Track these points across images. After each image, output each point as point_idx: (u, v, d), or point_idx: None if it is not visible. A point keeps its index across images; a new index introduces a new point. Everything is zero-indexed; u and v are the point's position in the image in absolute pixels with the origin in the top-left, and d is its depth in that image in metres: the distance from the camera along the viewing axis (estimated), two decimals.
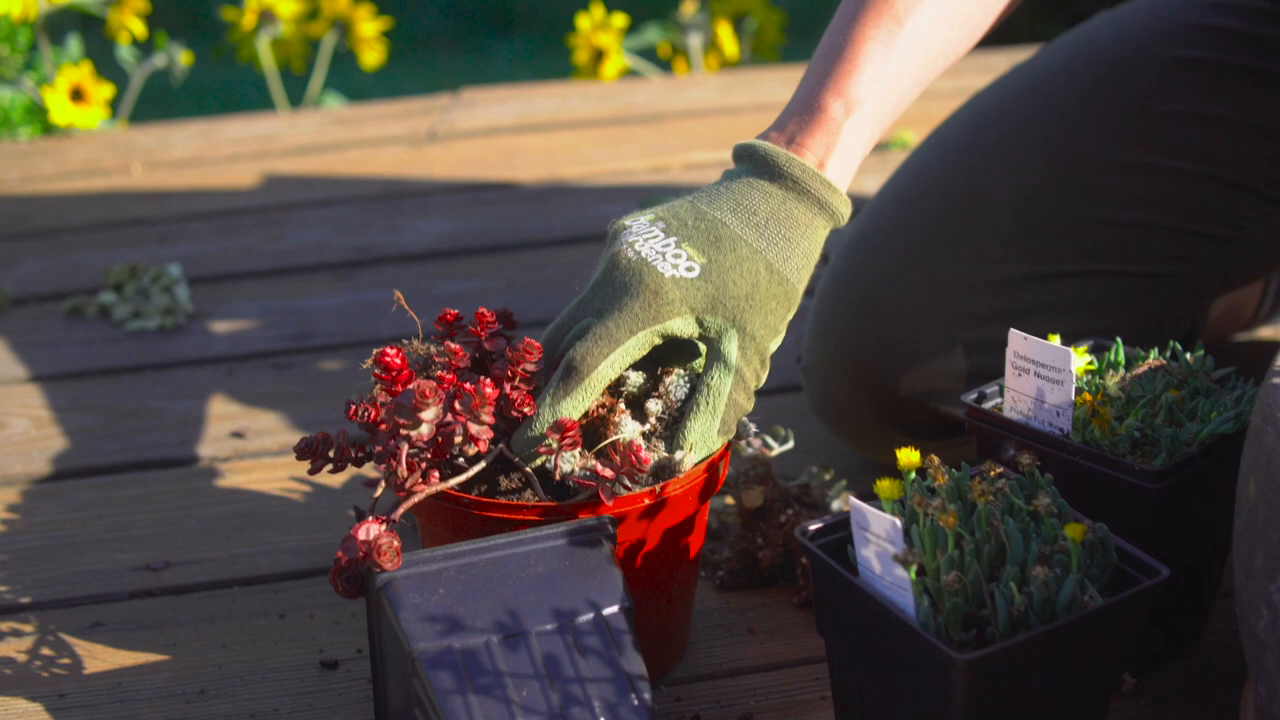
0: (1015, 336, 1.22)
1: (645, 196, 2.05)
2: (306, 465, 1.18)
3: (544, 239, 2.01)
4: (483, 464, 1.16)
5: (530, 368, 1.19)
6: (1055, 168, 1.49)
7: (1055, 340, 1.24)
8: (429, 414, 1.12)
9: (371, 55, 2.77)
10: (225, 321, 1.83)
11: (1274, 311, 1.73)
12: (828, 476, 1.44)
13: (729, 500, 1.41)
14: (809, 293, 1.64)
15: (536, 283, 1.90)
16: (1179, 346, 1.29)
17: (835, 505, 1.41)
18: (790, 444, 1.38)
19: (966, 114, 1.57)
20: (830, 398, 1.49)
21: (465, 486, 1.17)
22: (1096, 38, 1.57)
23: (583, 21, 2.69)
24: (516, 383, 1.19)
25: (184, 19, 4.04)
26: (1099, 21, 1.60)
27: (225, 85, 3.72)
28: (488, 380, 1.15)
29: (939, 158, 1.54)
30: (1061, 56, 1.57)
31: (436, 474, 1.14)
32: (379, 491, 1.16)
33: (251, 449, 1.59)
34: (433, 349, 1.23)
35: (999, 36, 3.07)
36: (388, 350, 1.18)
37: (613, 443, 1.15)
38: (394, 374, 1.17)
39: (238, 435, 1.61)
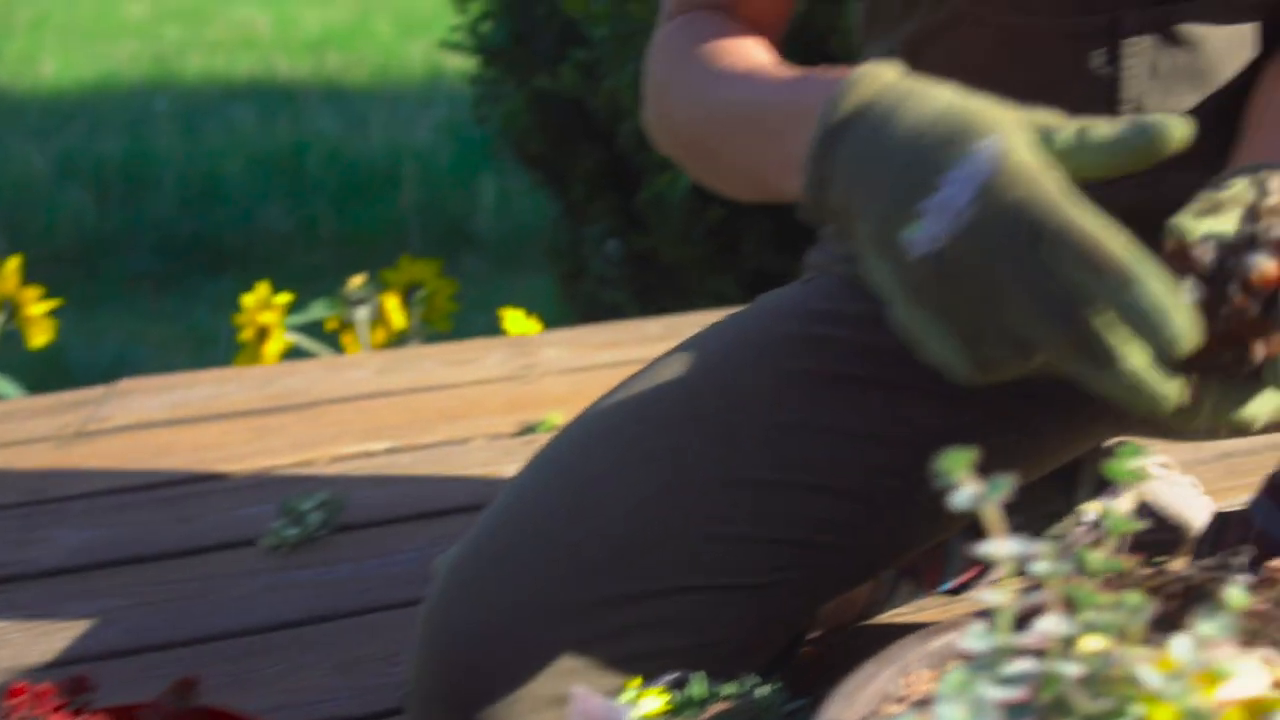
0: (576, 697, 1.23)
1: (286, 496, 2.04)
2: None
3: (182, 548, 1.99)
4: None
5: None
6: (660, 486, 1.49)
7: (635, 684, 1.25)
8: None
9: (39, 336, 2.75)
10: None
11: (889, 600, 1.77)
12: None
13: None
14: None
15: (168, 599, 1.87)
16: (758, 679, 1.31)
17: None
18: None
19: (577, 430, 1.56)
20: None
21: None
22: (706, 350, 1.58)
23: (247, 299, 2.70)
24: None
25: None
26: (708, 334, 1.60)
27: None
28: None
29: (548, 475, 1.54)
30: (670, 372, 1.57)
31: None
32: None
33: None
34: None
35: (665, 304, 3.14)
36: None
37: None
38: None
39: None
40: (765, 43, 1.46)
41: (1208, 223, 1.09)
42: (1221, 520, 1.63)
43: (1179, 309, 0.97)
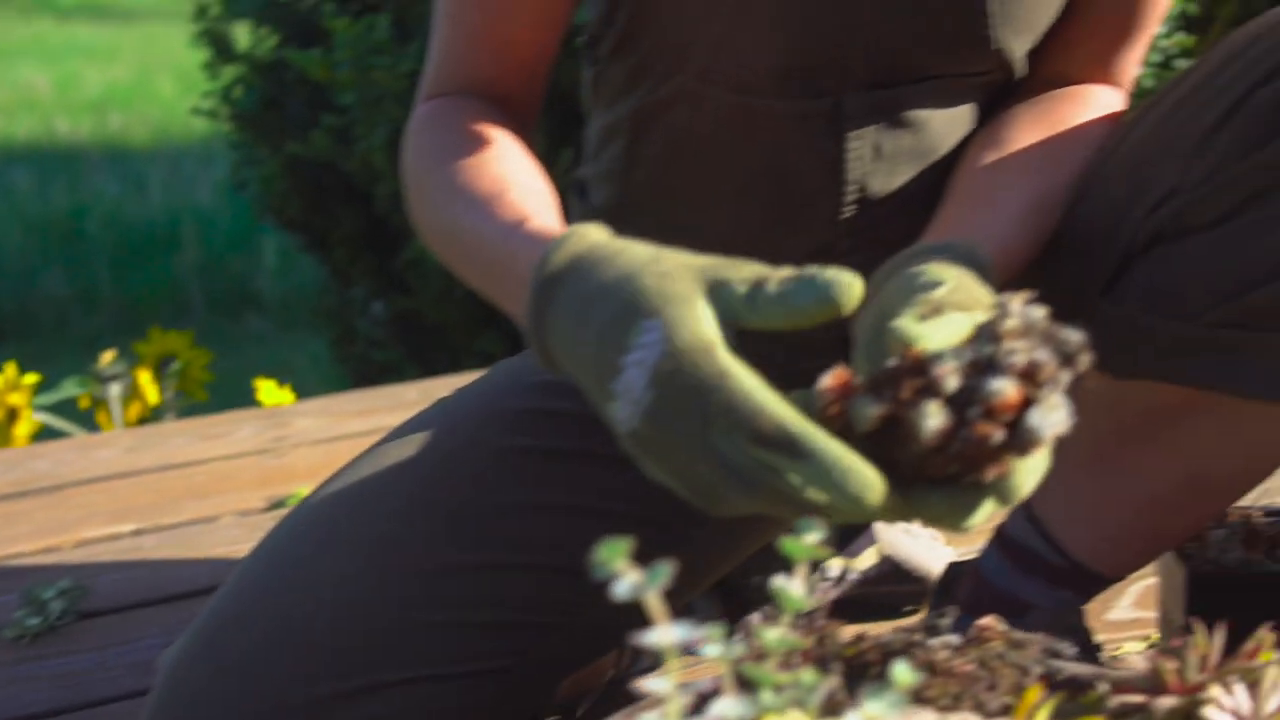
0: None
1: (28, 585, 1.99)
2: None
3: None
4: None
5: None
6: (375, 576, 1.46)
7: None
8: None
9: None
10: None
11: (635, 665, 1.75)
12: None
13: None
14: None
15: None
16: None
17: None
18: None
19: (298, 517, 1.51)
20: None
21: None
22: (432, 427, 1.55)
23: None
24: None
25: None
26: (438, 408, 1.59)
27: None
28: None
29: (266, 566, 1.50)
30: (395, 453, 1.54)
31: None
32: None
33: None
34: None
35: (437, 363, 3.12)
36: None
37: None
38: None
39: None
40: (516, 132, 1.44)
41: (932, 330, 1.09)
42: (954, 571, 1.64)
43: (853, 470, 0.98)
